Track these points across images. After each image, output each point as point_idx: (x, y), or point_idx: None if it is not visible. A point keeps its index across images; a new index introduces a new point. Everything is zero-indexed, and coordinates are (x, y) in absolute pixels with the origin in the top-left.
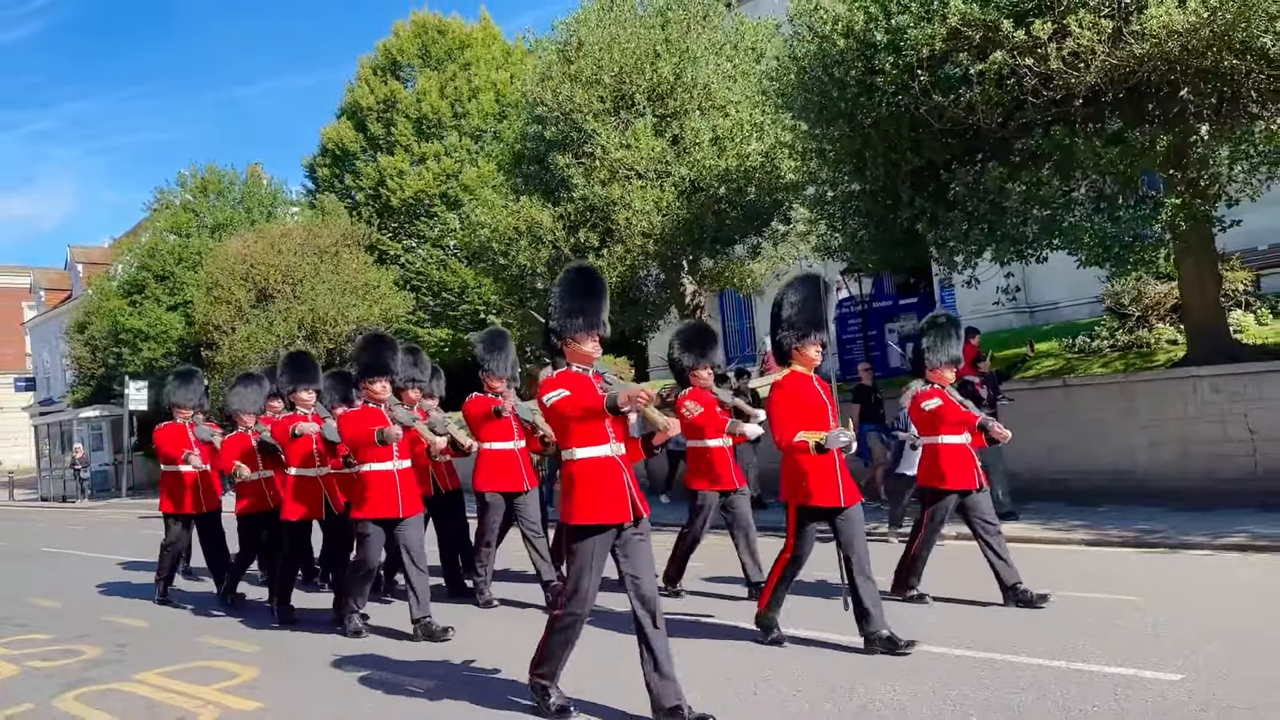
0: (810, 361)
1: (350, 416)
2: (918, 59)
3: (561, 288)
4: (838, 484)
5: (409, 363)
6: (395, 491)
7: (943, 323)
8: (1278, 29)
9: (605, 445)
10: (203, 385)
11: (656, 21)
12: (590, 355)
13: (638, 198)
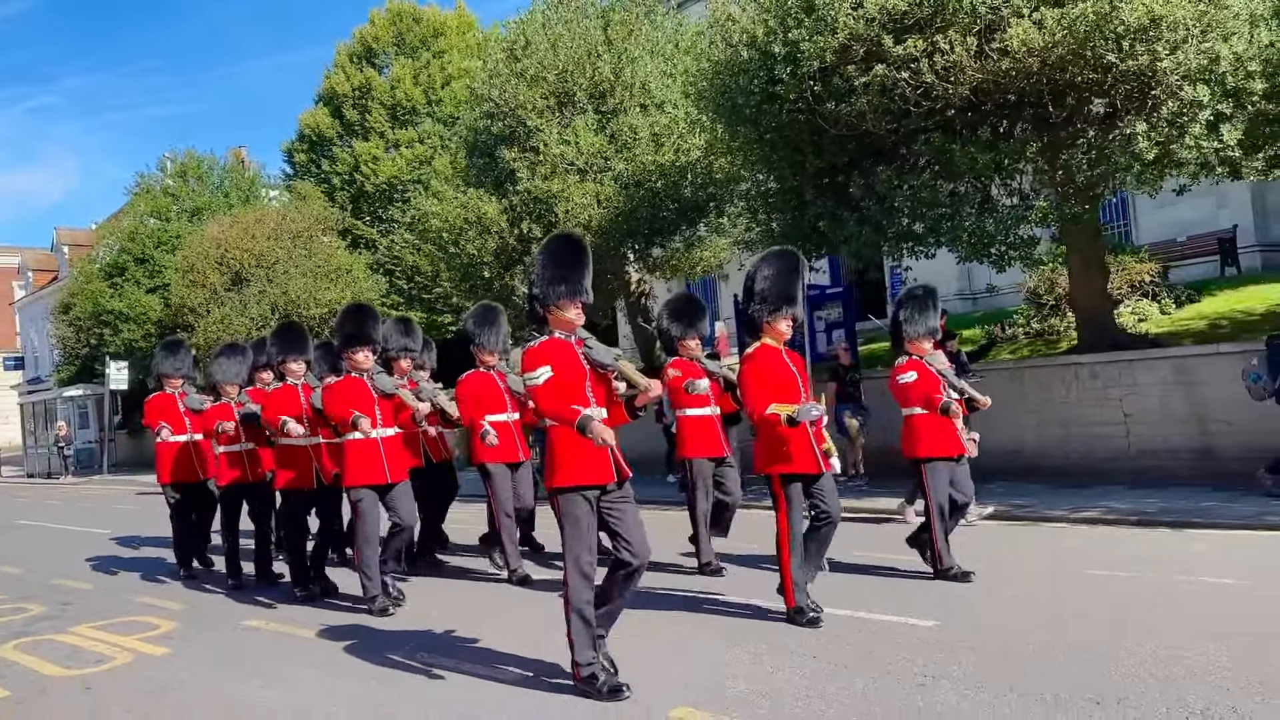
0: (781, 335)
1: (333, 388)
2: (811, 70)
3: (544, 256)
4: (814, 451)
5: (400, 332)
6: (380, 458)
7: (920, 294)
8: (1124, 47)
9: (587, 409)
10: (190, 355)
11: (599, 22)
12: (573, 322)
13: (576, 192)
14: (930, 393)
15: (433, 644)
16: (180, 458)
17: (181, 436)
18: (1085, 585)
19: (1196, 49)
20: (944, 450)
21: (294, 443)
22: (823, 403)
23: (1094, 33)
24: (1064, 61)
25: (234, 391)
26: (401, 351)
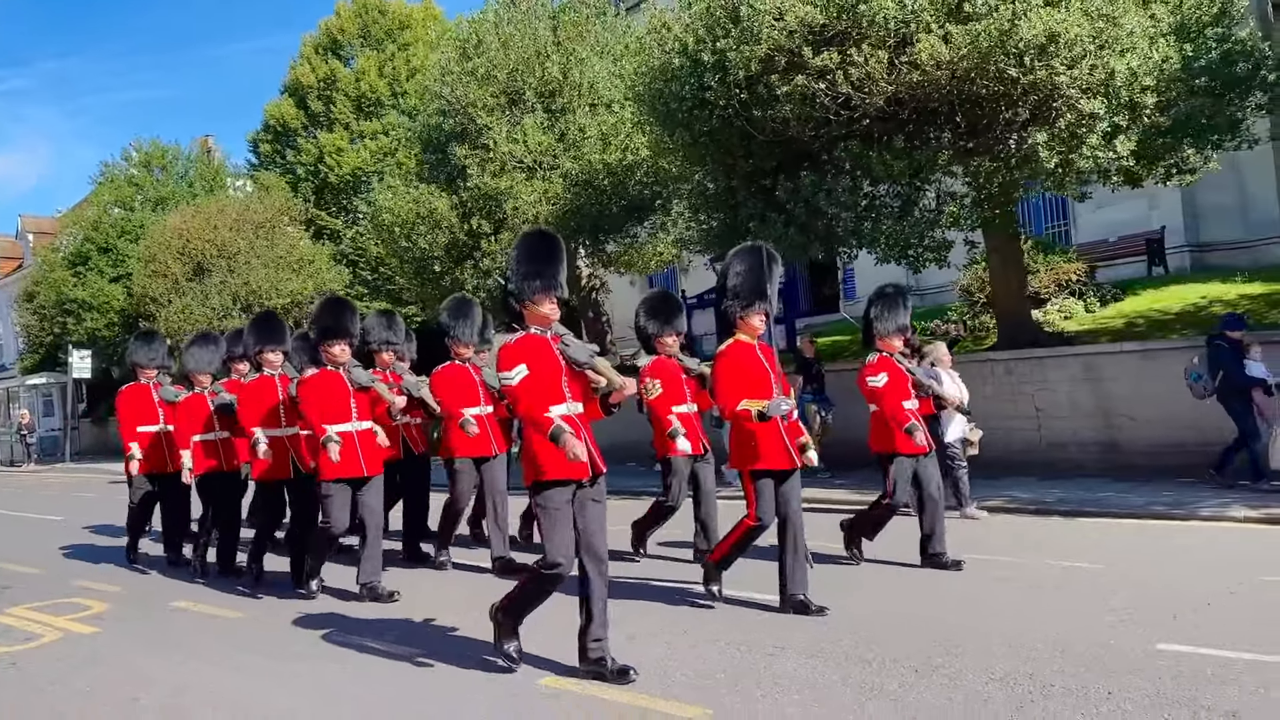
0: (754, 330)
1: (310, 381)
2: (738, 78)
3: (519, 251)
4: (785, 446)
5: (383, 325)
6: (356, 452)
7: (890, 293)
8: (1025, 62)
9: (562, 405)
10: (164, 345)
11: (549, 23)
12: (548, 317)
13: (524, 189)
14: (900, 397)
15: (383, 630)
16: (153, 448)
17: (154, 427)
18: (967, 569)
19: (1092, 65)
20: (911, 446)
21: (270, 433)
22: (793, 397)
23: (996, 49)
24: (970, 75)
25: (207, 381)
26: (383, 344)
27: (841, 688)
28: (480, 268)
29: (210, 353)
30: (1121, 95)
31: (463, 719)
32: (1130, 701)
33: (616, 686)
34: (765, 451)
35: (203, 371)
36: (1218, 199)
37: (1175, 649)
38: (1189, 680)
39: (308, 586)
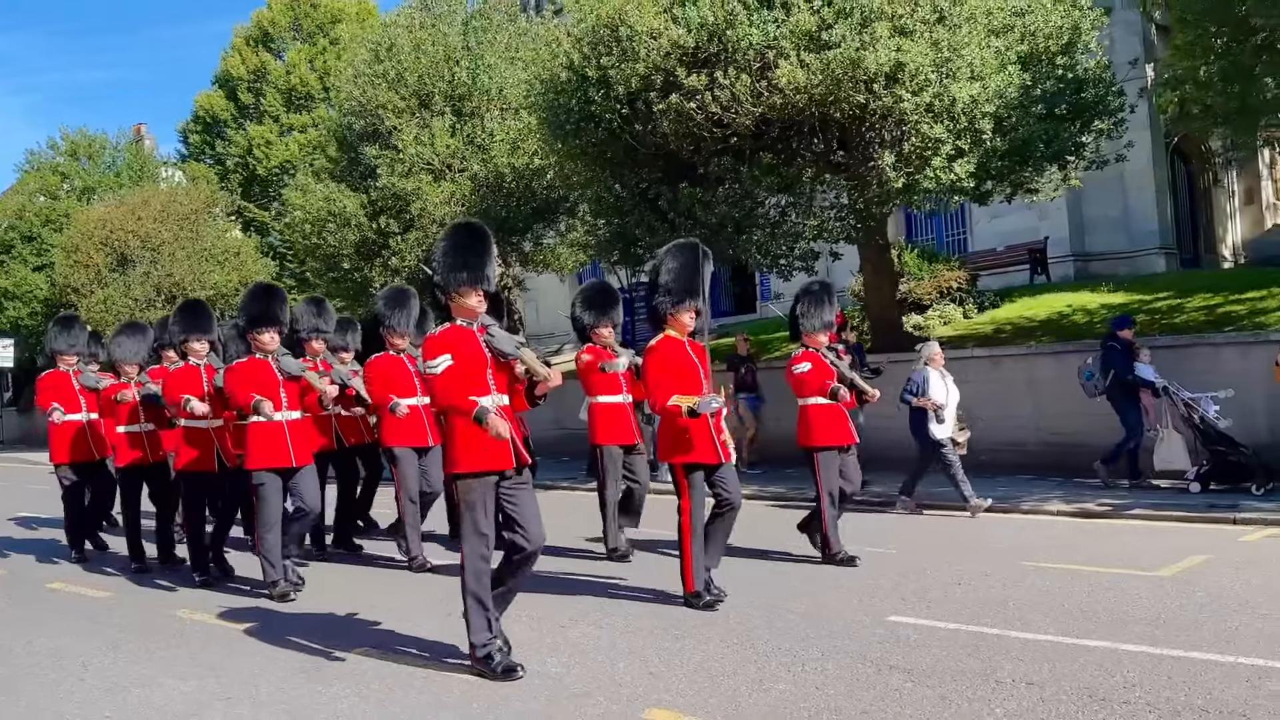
0: (684, 326)
1: (237, 369)
2: (619, 95)
3: (446, 244)
4: (714, 441)
5: (312, 313)
6: (285, 441)
7: (816, 290)
8: (873, 89)
9: (487, 396)
10: (86, 331)
11: (460, 29)
12: (475, 309)
13: (431, 191)
14: (824, 381)
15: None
16: (76, 438)
17: (76, 416)
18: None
19: (936, 92)
20: (835, 440)
21: (196, 424)
22: (722, 394)
23: (846, 77)
24: (824, 99)
25: (133, 371)
26: (313, 332)
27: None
28: (389, 266)
29: (138, 342)
30: (962, 121)
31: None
32: (831, 661)
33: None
34: (697, 446)
35: (130, 362)
36: (1102, 212)
37: (901, 620)
38: (891, 645)
39: (277, 585)
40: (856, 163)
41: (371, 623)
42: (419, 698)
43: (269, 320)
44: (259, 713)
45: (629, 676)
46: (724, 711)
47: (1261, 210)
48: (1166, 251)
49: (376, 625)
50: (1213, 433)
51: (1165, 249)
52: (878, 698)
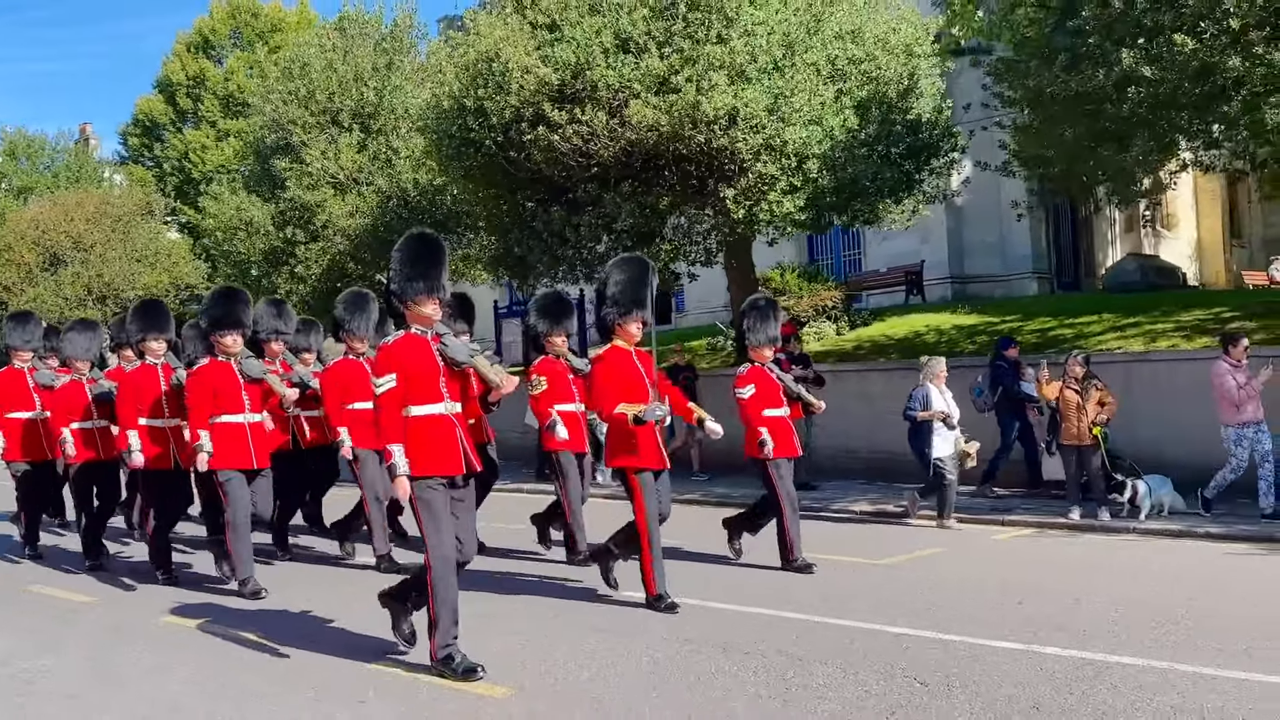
0: (630, 337)
1: (199, 373)
2: (495, 125)
3: (402, 253)
4: (659, 448)
5: (272, 315)
6: (247, 443)
7: (762, 305)
8: (713, 130)
9: (440, 404)
10: (41, 327)
11: (371, 49)
12: (430, 318)
13: (334, 203)
14: (763, 406)
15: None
16: (28, 434)
17: (30, 413)
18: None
19: (768, 135)
20: (782, 453)
21: (154, 423)
22: (666, 404)
23: (687, 118)
24: (672, 137)
25: (84, 368)
26: (272, 334)
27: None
28: (295, 274)
29: (89, 339)
30: (792, 160)
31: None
32: (523, 620)
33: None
34: (643, 451)
35: (80, 359)
36: (980, 236)
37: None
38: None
39: (245, 585)
40: (705, 194)
41: (334, 625)
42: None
43: (232, 323)
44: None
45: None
46: None
47: (1140, 237)
48: (1039, 276)
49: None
50: None
51: (1038, 273)
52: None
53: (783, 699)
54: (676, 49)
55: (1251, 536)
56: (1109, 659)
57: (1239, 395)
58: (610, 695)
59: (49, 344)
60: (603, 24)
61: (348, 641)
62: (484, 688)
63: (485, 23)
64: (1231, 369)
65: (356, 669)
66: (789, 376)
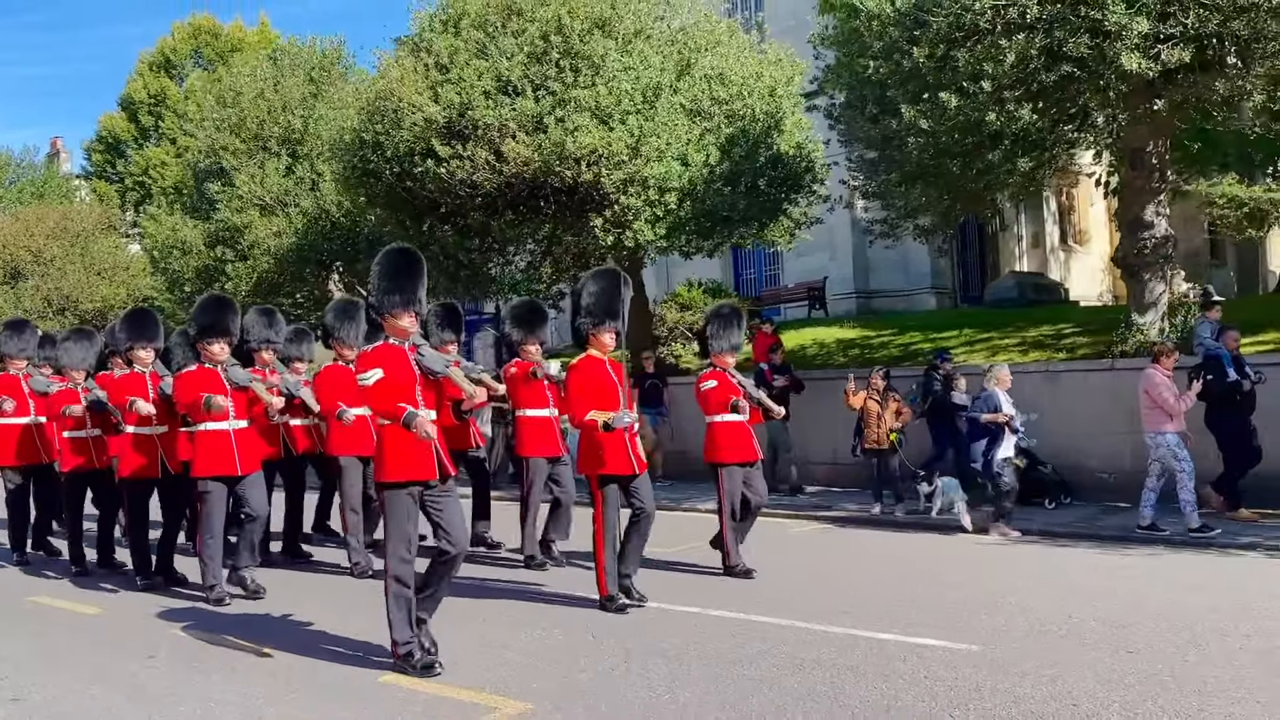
0: (604, 346)
1: (185, 378)
2: (389, 156)
3: (380, 267)
4: (629, 454)
5: (263, 324)
6: (232, 450)
7: (726, 313)
8: (580, 167)
9: (416, 411)
10: (36, 335)
11: (296, 79)
12: (407, 330)
13: (260, 225)
14: (728, 396)
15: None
16: (23, 440)
17: (24, 419)
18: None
19: (630, 170)
20: (739, 456)
21: (142, 431)
22: (635, 410)
23: (555, 155)
24: (544, 172)
25: (80, 377)
26: (263, 343)
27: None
28: (226, 290)
29: (85, 349)
30: (653, 193)
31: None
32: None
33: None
34: (610, 459)
35: (76, 368)
36: (884, 254)
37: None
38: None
39: (214, 590)
40: (580, 222)
41: (304, 623)
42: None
43: (219, 331)
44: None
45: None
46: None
47: (1045, 254)
48: (938, 291)
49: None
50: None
51: (936, 289)
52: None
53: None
54: (550, 92)
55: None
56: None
57: (1174, 405)
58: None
59: (44, 353)
60: (486, 68)
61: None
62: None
63: (385, 62)
64: (1165, 380)
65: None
66: (749, 382)
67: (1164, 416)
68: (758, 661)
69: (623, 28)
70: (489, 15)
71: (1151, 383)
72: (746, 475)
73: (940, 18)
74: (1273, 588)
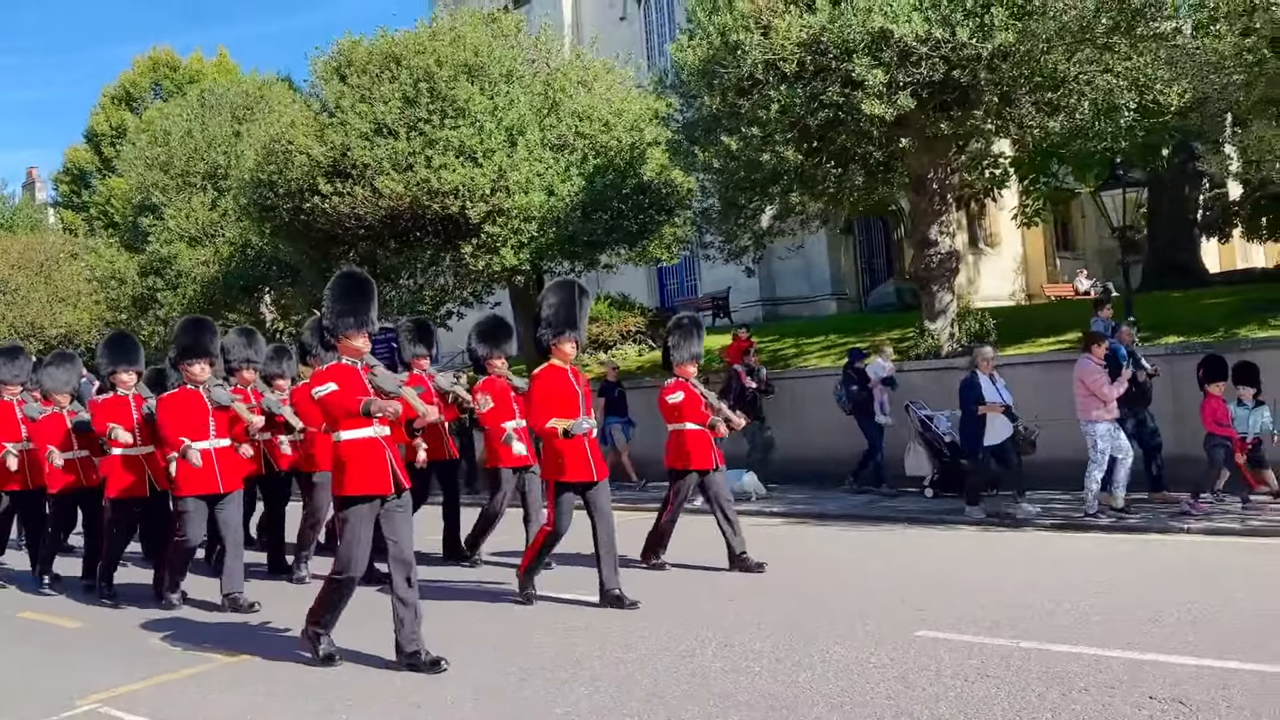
0: (565, 355)
1: (169, 400)
2: (281, 193)
3: (334, 291)
4: (589, 461)
5: (243, 344)
6: (213, 469)
7: (686, 324)
8: (445, 202)
9: (369, 428)
10: (30, 361)
11: (225, 117)
12: (360, 350)
13: (186, 255)
14: (696, 408)
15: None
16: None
17: (18, 445)
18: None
19: (493, 204)
20: (700, 464)
21: (128, 452)
22: (594, 417)
23: (423, 191)
24: (415, 206)
25: (65, 400)
26: (244, 363)
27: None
28: (158, 316)
29: (67, 372)
30: (515, 222)
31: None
32: None
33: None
34: (569, 465)
35: (60, 391)
36: (790, 265)
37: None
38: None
39: (167, 598)
40: (455, 249)
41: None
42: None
43: (199, 352)
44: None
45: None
46: None
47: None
48: (838, 297)
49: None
50: (940, 445)
51: (837, 295)
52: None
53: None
54: (421, 133)
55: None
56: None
57: (1108, 392)
58: None
59: (37, 379)
60: (366, 111)
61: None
62: None
63: (277, 104)
64: (1098, 367)
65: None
66: (711, 394)
67: (1097, 403)
68: None
69: (491, 73)
70: (372, 63)
71: (1085, 370)
72: (709, 480)
73: (727, 69)
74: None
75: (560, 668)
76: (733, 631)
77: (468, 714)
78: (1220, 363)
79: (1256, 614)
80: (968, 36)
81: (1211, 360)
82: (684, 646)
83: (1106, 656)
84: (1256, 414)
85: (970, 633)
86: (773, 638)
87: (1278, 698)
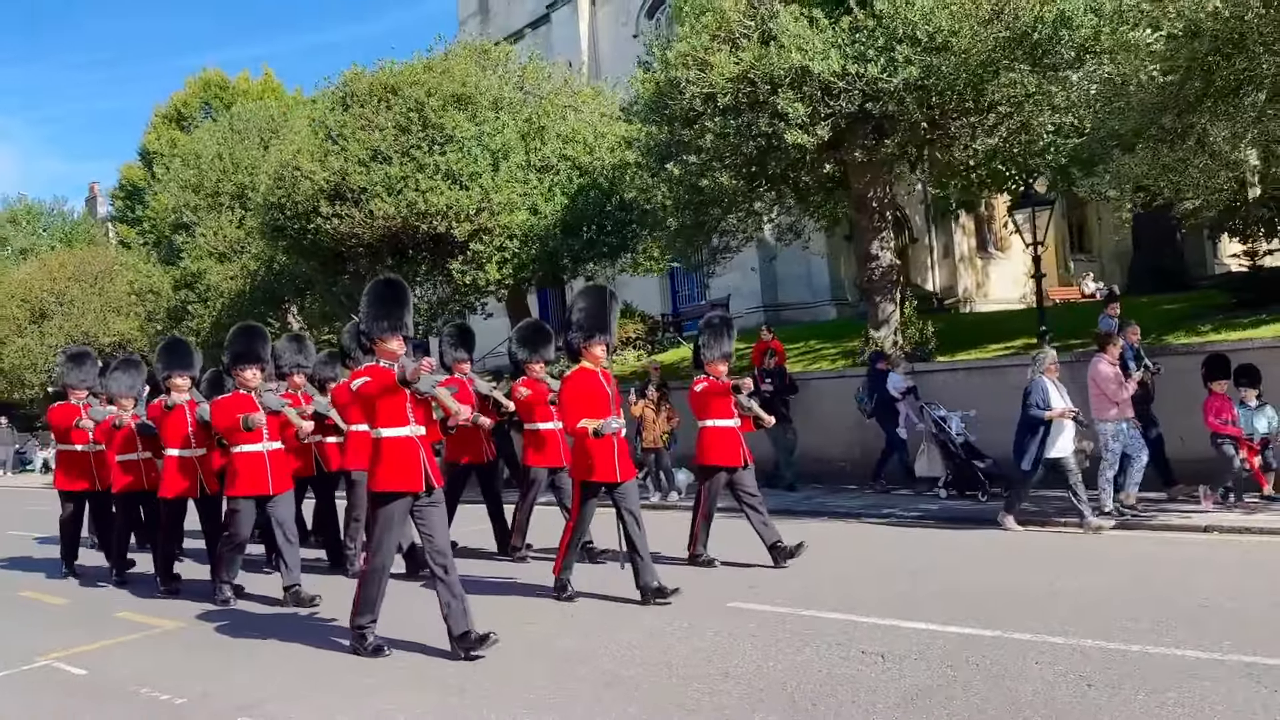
0: (596, 358)
1: (221, 403)
2: (290, 215)
3: (369, 296)
4: (615, 462)
5: (294, 350)
6: (265, 470)
7: (717, 323)
8: (432, 223)
9: (406, 426)
10: (96, 366)
11: (254, 141)
12: (395, 353)
13: (214, 271)
14: (720, 414)
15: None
16: (81, 465)
17: (82, 446)
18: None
19: (478, 223)
20: (728, 461)
21: (183, 454)
22: (623, 417)
23: (410, 213)
24: (406, 227)
25: (129, 404)
26: (294, 367)
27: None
28: (191, 328)
29: (132, 377)
30: (499, 240)
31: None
32: None
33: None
34: (598, 466)
35: (125, 395)
36: (792, 271)
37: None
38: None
39: (220, 590)
40: (445, 265)
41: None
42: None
43: (251, 358)
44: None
45: None
46: None
47: (955, 262)
48: (838, 303)
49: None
50: (953, 446)
51: (836, 301)
52: None
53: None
54: (412, 159)
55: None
56: None
57: (1120, 392)
58: None
59: (100, 381)
60: (365, 138)
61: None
62: None
63: (299, 126)
64: (1112, 367)
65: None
66: (743, 393)
67: (1109, 404)
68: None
69: (480, 101)
70: (372, 94)
71: (1097, 370)
72: (737, 478)
73: (675, 102)
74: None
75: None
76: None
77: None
78: (1223, 361)
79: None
80: (879, 71)
81: (1213, 359)
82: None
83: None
84: (1260, 415)
85: None
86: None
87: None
